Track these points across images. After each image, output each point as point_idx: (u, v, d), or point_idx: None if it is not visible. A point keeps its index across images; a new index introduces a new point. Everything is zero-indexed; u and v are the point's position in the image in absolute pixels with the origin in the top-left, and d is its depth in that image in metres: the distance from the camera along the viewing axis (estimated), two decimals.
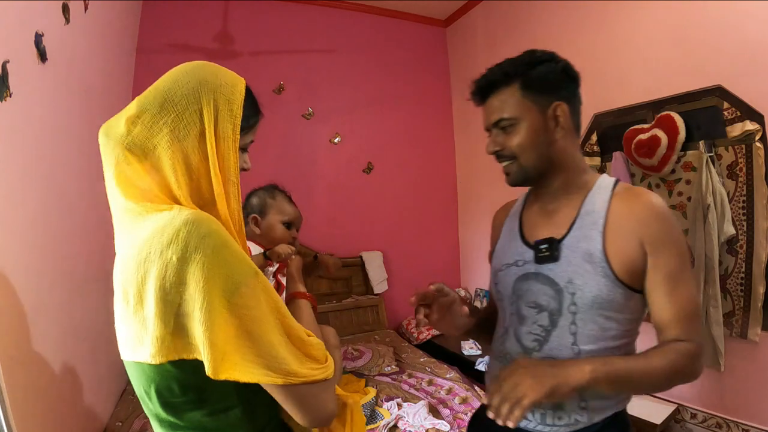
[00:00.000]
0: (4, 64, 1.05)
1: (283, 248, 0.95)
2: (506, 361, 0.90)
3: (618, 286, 0.80)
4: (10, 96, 1.08)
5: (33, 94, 1.24)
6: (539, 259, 0.86)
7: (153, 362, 0.55)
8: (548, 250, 0.85)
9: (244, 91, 0.66)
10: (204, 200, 0.62)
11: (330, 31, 3.32)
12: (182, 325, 0.54)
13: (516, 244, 0.94)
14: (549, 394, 0.69)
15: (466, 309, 0.91)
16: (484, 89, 0.88)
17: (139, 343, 0.57)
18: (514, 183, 0.90)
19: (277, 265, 1.02)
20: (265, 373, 0.55)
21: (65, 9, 1.44)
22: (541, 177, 0.89)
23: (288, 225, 1.10)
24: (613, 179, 0.89)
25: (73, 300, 1.58)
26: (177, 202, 0.60)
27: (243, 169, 0.69)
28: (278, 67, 3.13)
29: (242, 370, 0.54)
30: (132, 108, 0.61)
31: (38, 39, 1.24)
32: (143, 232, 0.57)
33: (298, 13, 3.20)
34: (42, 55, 1.27)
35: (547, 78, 0.85)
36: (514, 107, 0.84)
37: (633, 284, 0.81)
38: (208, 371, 0.53)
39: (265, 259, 0.96)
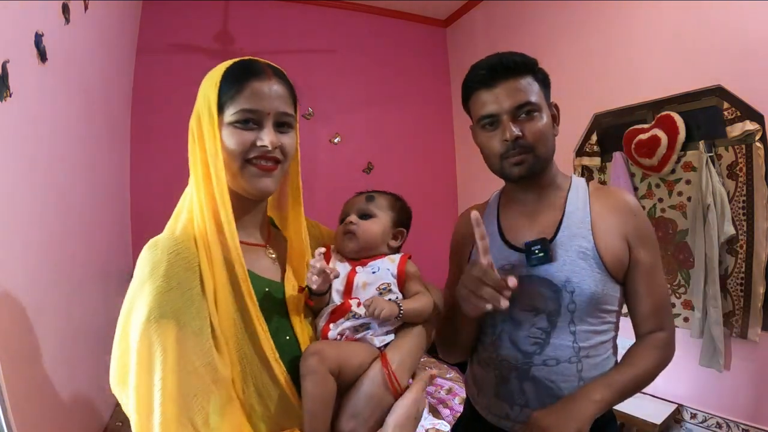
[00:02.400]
0: (4, 64, 1.04)
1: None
2: (502, 368, 0.88)
3: (610, 279, 0.83)
4: (10, 96, 1.08)
5: (33, 94, 1.24)
6: (533, 261, 0.84)
7: None
8: (542, 251, 0.83)
9: (221, 74, 0.65)
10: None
11: (330, 31, 3.31)
12: None
13: (499, 248, 0.90)
14: None
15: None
16: (500, 71, 0.83)
17: None
18: (527, 174, 0.84)
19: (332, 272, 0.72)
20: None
21: (65, 9, 1.44)
22: (541, 173, 0.89)
23: (341, 221, 0.88)
24: (582, 178, 0.93)
25: (73, 300, 1.57)
26: None
27: (263, 146, 0.63)
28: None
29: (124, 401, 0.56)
30: None
31: (38, 39, 1.24)
32: None
33: (298, 13, 3.20)
34: (42, 55, 1.26)
35: (546, 78, 0.89)
36: (537, 95, 0.84)
37: (618, 277, 0.85)
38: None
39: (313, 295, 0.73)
